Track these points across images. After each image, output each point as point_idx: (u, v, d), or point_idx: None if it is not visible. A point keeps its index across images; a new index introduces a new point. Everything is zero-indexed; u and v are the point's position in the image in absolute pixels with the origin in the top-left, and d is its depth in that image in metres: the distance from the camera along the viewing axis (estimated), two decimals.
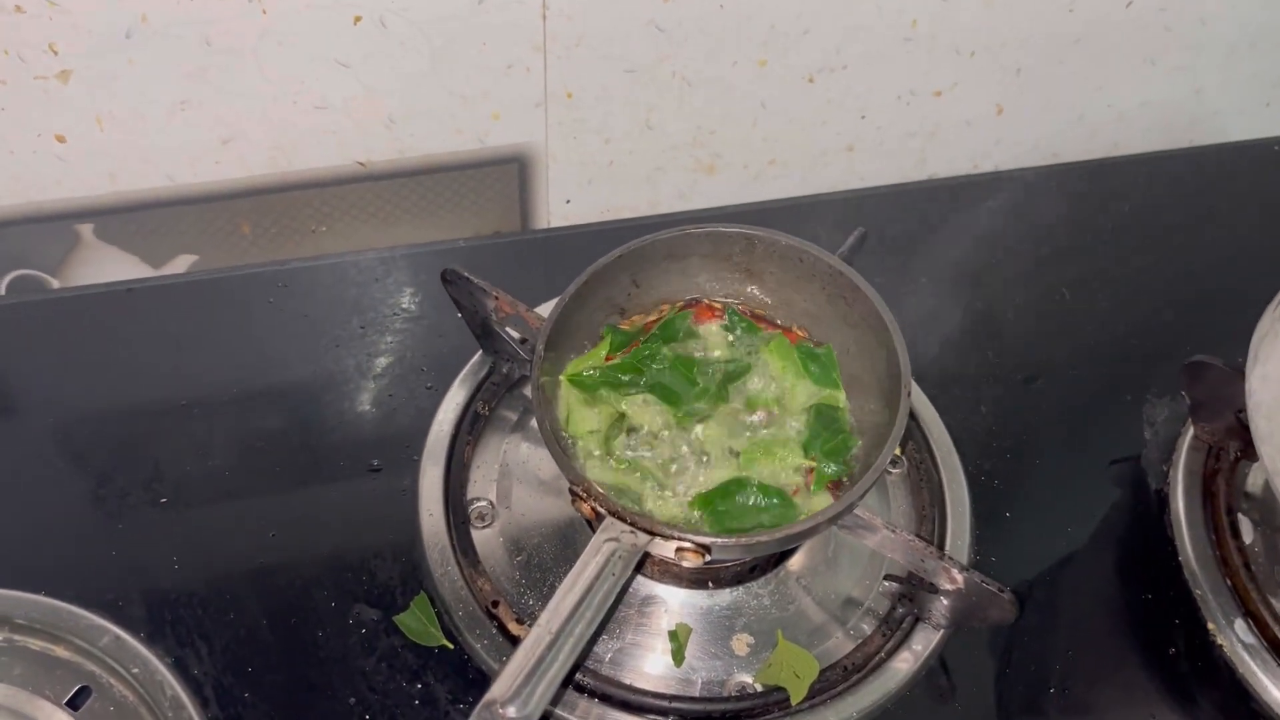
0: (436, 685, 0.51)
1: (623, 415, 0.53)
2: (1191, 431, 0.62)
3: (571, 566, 0.55)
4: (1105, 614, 0.58)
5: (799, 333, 0.57)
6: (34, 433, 0.59)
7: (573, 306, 0.54)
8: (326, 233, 0.72)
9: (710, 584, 0.55)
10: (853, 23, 0.70)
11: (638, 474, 0.52)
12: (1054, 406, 0.65)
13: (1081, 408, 0.65)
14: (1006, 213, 0.76)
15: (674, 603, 0.55)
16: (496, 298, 0.58)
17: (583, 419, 0.53)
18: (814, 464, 0.52)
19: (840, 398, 0.55)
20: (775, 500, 0.51)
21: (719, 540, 0.47)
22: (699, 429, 0.53)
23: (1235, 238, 0.76)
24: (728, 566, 0.55)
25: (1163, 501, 0.61)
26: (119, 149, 0.63)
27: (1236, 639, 0.55)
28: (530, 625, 0.53)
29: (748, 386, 0.55)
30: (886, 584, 0.55)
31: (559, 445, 0.50)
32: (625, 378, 0.53)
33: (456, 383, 0.62)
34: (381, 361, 0.63)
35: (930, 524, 0.59)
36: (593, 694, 0.51)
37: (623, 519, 0.47)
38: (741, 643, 0.54)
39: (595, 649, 0.53)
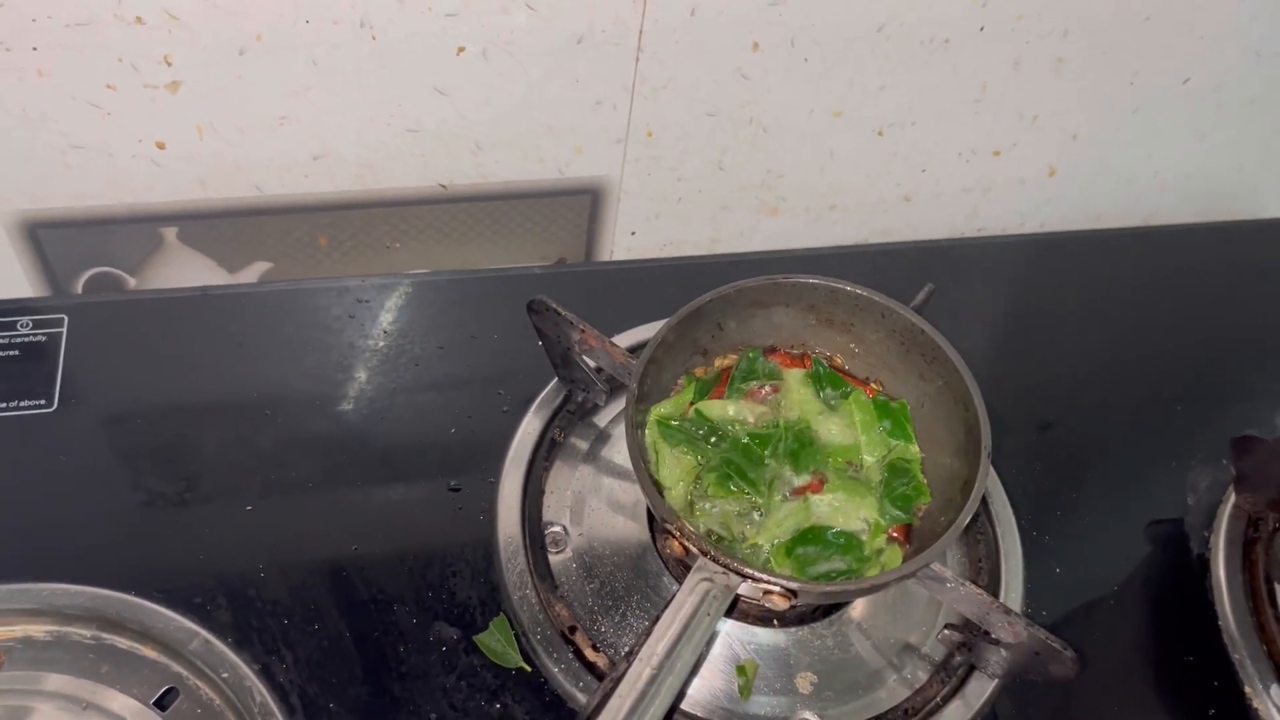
0: (515, 706, 0.53)
1: (704, 474, 0.55)
2: (1233, 499, 0.65)
3: (644, 596, 0.57)
4: (1146, 673, 0.60)
5: (874, 386, 0.60)
6: (118, 432, 0.60)
7: (663, 347, 0.56)
8: (400, 249, 0.74)
9: (775, 622, 0.57)
10: (927, 83, 0.72)
11: (720, 518, 0.54)
12: (1101, 467, 0.68)
13: (1127, 470, 0.68)
14: (1056, 273, 0.79)
15: (741, 638, 0.57)
16: (583, 330, 0.60)
17: (669, 464, 0.55)
18: (885, 516, 0.55)
19: (913, 450, 0.57)
20: (849, 549, 0.53)
21: (806, 585, 0.49)
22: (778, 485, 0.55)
23: (1273, 312, 0.79)
24: (796, 607, 0.57)
25: (1204, 566, 0.63)
26: (214, 158, 0.65)
27: (1272, 704, 0.58)
28: (604, 652, 0.55)
29: (826, 439, 0.57)
30: (946, 632, 0.57)
31: (654, 485, 0.52)
32: (703, 434, 0.55)
33: (533, 408, 0.63)
34: (459, 382, 0.65)
35: (986, 576, 0.61)
36: None
37: (716, 560, 0.48)
38: (805, 681, 0.56)
39: None
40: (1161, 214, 0.89)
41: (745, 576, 0.48)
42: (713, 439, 0.56)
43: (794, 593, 0.49)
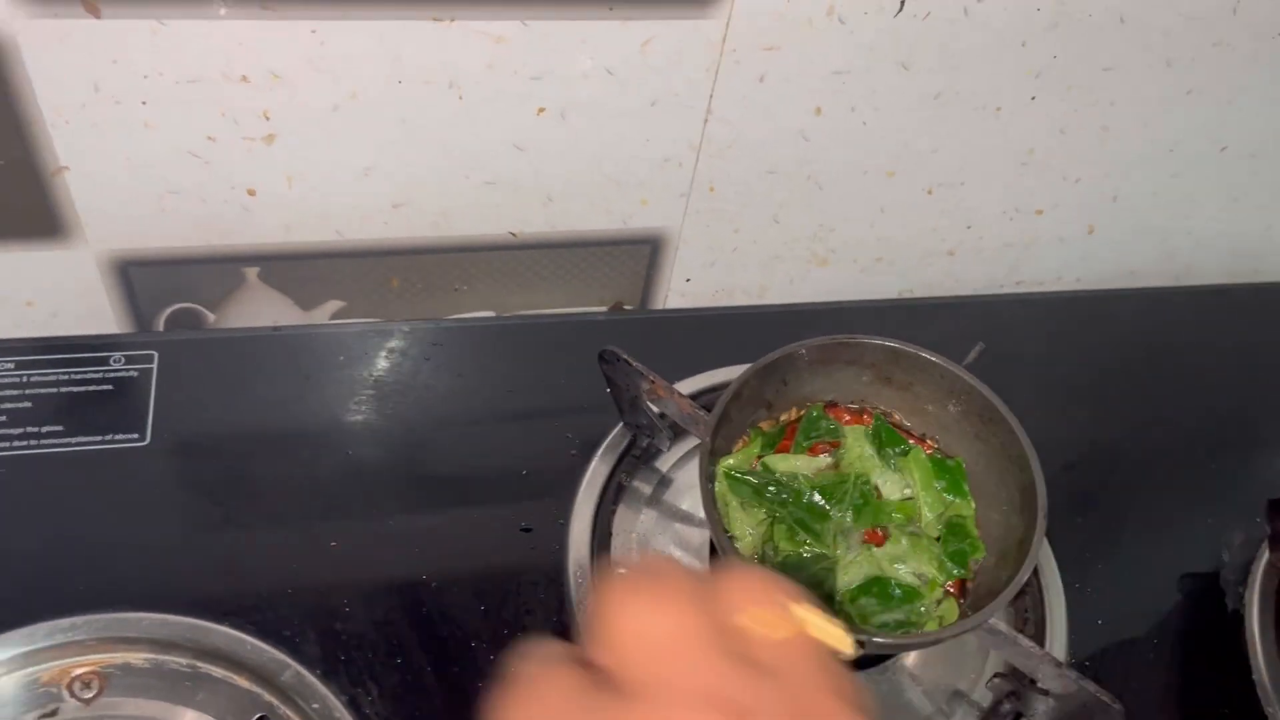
0: None
1: (772, 525, 0.58)
2: (1267, 557, 0.68)
3: None
4: None
5: (930, 444, 0.63)
6: (207, 466, 0.63)
7: (734, 402, 0.59)
8: (467, 292, 0.77)
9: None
10: (978, 146, 0.75)
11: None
12: (1138, 521, 0.71)
13: (1164, 524, 0.71)
14: (1092, 329, 0.82)
15: None
16: (652, 381, 0.63)
17: (738, 516, 0.58)
18: (943, 571, 0.57)
19: (969, 507, 0.60)
20: (909, 601, 0.56)
21: (875, 637, 0.52)
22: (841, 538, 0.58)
23: None
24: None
25: (1239, 621, 0.66)
26: (300, 205, 0.68)
27: None
28: None
29: (886, 494, 0.60)
30: (996, 681, 0.60)
31: (727, 536, 0.55)
32: (773, 492, 0.58)
33: (600, 452, 0.66)
34: (529, 424, 0.68)
35: (1032, 626, 0.64)
36: None
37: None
38: None
39: None
40: (1193, 272, 0.93)
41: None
42: (780, 492, 0.58)
43: (862, 644, 0.51)
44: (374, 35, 0.60)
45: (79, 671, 0.55)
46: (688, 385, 0.70)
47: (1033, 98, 0.73)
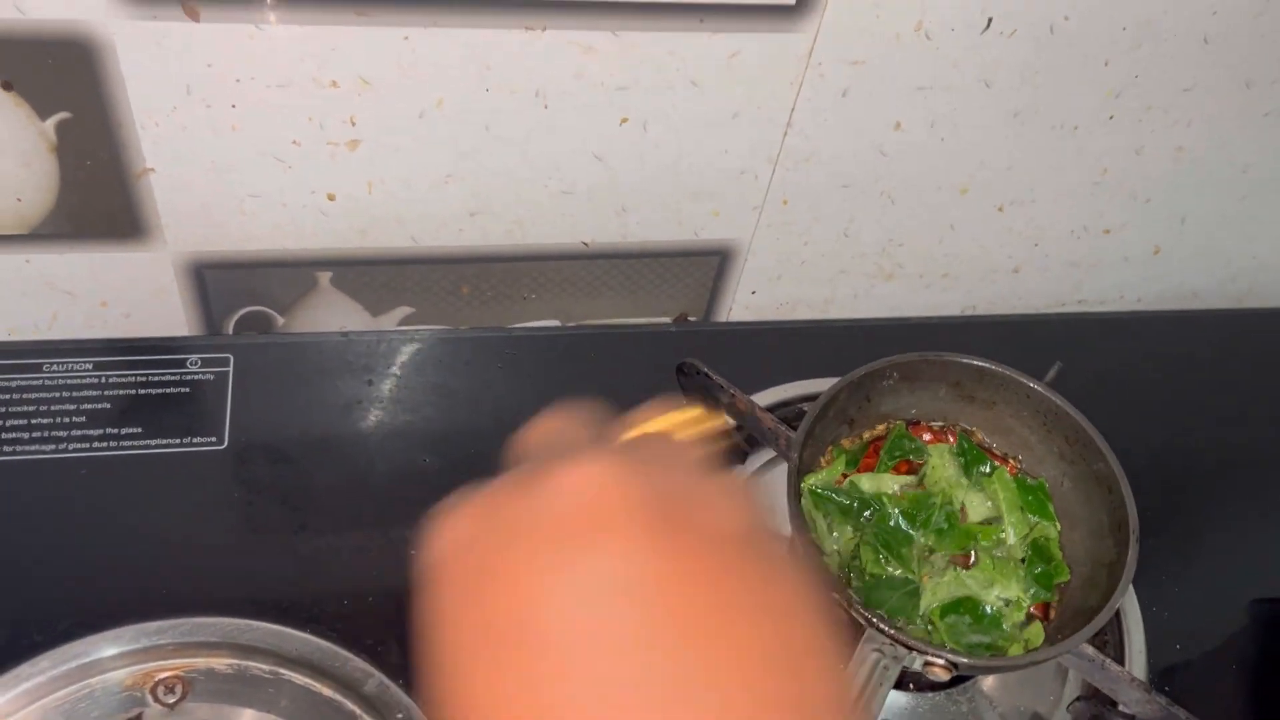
0: None
1: (859, 544, 0.58)
2: None
3: None
4: None
5: (1014, 464, 0.62)
6: (285, 471, 0.63)
7: (819, 419, 0.59)
8: (535, 300, 0.77)
9: (911, 686, 0.60)
10: (1052, 164, 0.75)
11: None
12: (1212, 544, 0.70)
13: (1237, 548, 0.70)
14: (1157, 350, 0.81)
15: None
16: (733, 394, 0.63)
17: (824, 535, 0.58)
18: (1028, 593, 0.57)
19: (1054, 529, 0.60)
20: (996, 623, 0.56)
21: (966, 660, 0.51)
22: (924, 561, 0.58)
23: None
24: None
25: None
26: (378, 211, 0.68)
27: None
28: None
29: (971, 515, 0.59)
30: (1078, 704, 0.60)
31: (820, 555, 0.55)
32: (858, 511, 0.58)
33: None
34: None
35: (1111, 648, 0.63)
36: None
37: (884, 632, 0.51)
38: None
39: None
40: (1254, 294, 0.92)
41: (912, 649, 0.51)
42: (865, 511, 0.58)
43: (955, 666, 0.51)
44: (465, 43, 0.59)
45: (163, 676, 0.55)
46: (760, 400, 0.70)
47: (1111, 117, 0.72)
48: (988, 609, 0.56)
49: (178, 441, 0.63)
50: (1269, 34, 0.70)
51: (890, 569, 0.57)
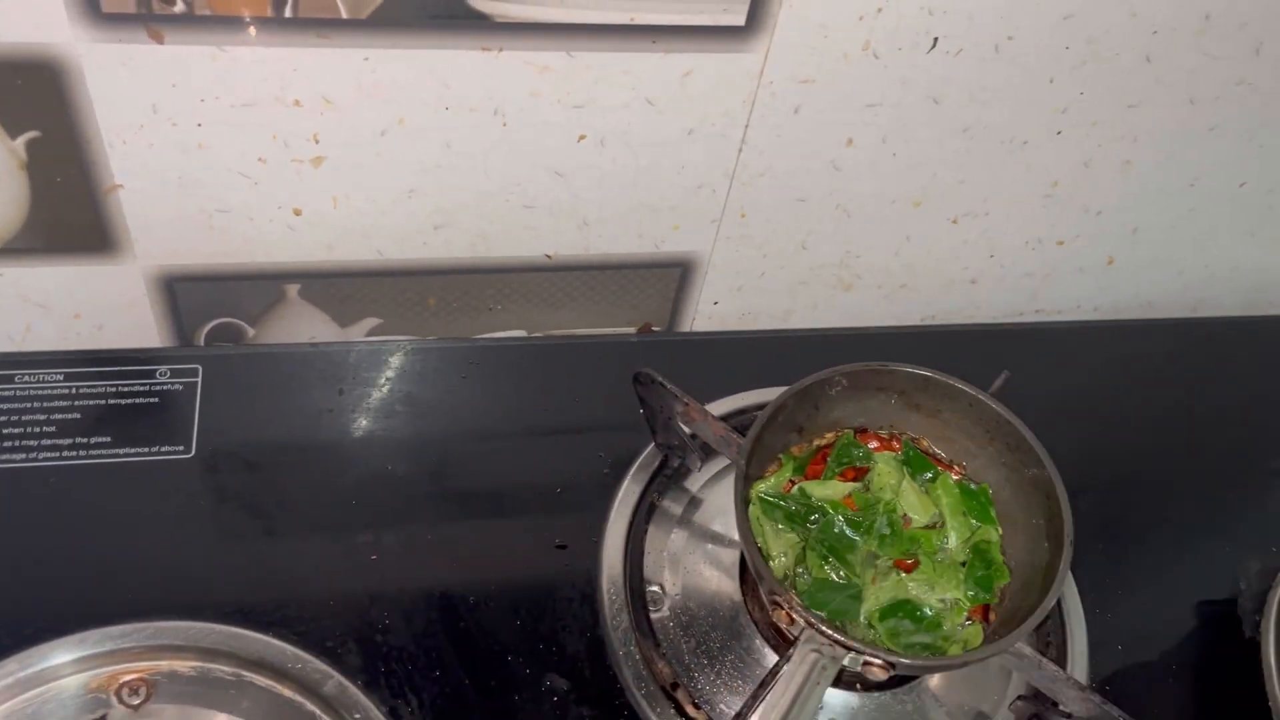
0: None
1: (805, 549, 0.59)
2: None
3: (738, 657, 0.62)
4: None
5: (958, 470, 0.64)
6: (250, 479, 0.65)
7: (767, 426, 0.60)
8: (501, 311, 0.78)
9: (858, 686, 0.62)
10: (1003, 178, 0.77)
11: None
12: (1157, 549, 0.72)
13: (1182, 552, 0.72)
14: (1110, 359, 0.83)
15: (825, 701, 0.60)
16: (686, 404, 0.64)
17: (771, 538, 0.59)
18: (968, 596, 0.59)
19: (994, 534, 0.62)
20: (935, 625, 0.58)
21: (905, 660, 0.53)
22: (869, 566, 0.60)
23: None
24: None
25: (1254, 648, 0.67)
26: (344, 225, 0.69)
27: None
28: (703, 709, 0.59)
29: (914, 520, 0.61)
30: (1019, 704, 0.61)
31: (761, 557, 0.57)
32: (805, 517, 0.60)
33: (632, 472, 0.68)
34: (563, 443, 0.69)
35: (1054, 650, 0.65)
36: None
37: (823, 633, 0.53)
38: None
39: None
40: (1207, 304, 0.94)
41: (850, 649, 0.52)
42: (812, 517, 0.60)
43: (893, 665, 0.53)
44: (423, 64, 0.61)
45: (127, 678, 0.56)
46: (717, 407, 0.72)
47: (1058, 132, 0.75)
48: (928, 611, 0.58)
49: (146, 450, 0.64)
50: (1210, 52, 0.72)
51: (834, 573, 0.59)
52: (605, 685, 0.59)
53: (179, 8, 0.56)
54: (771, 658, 0.61)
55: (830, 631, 0.52)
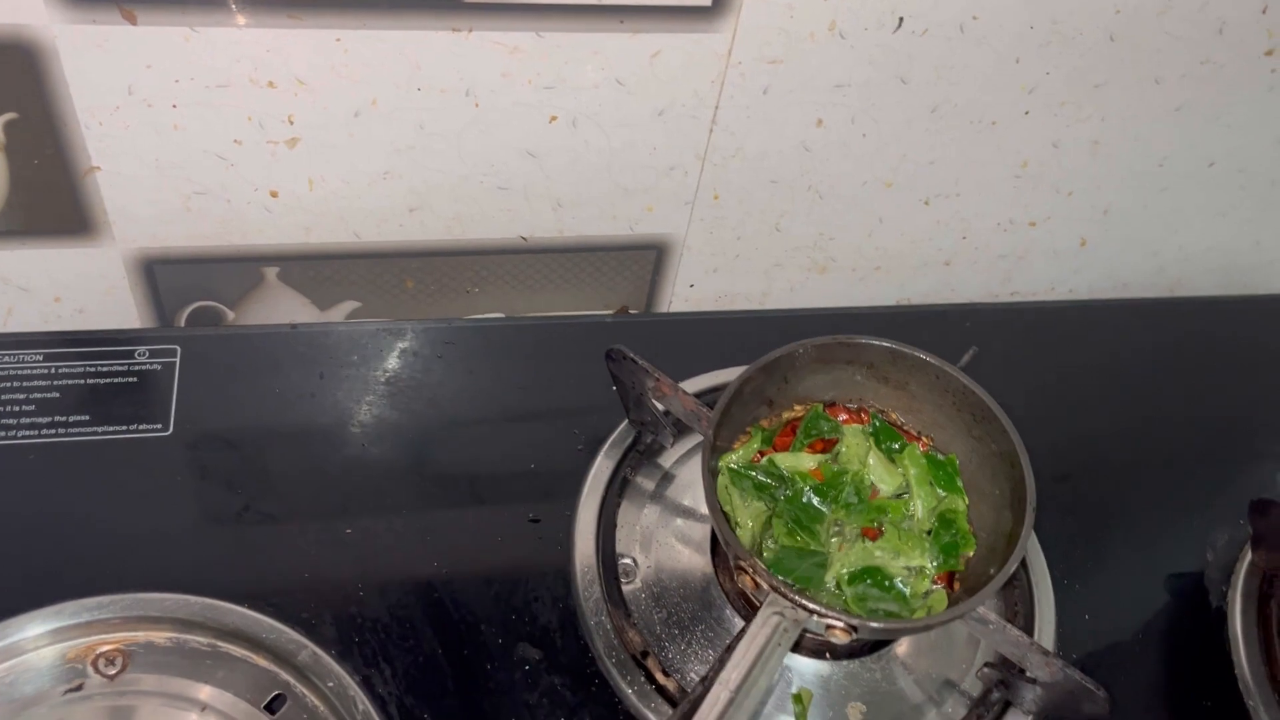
0: None
1: (770, 518, 0.60)
2: (1249, 557, 0.70)
3: (709, 626, 0.62)
4: (1165, 717, 0.65)
5: (926, 440, 0.65)
6: (227, 456, 0.66)
7: (736, 400, 0.61)
8: (479, 293, 0.79)
9: (829, 655, 0.62)
10: (973, 158, 0.78)
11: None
12: (1127, 521, 0.73)
13: (1151, 525, 0.73)
14: (1084, 338, 0.84)
15: (797, 669, 0.61)
16: (657, 379, 0.65)
17: (739, 508, 0.60)
18: (933, 563, 0.60)
19: (961, 503, 0.62)
20: (899, 592, 0.58)
21: (864, 622, 0.54)
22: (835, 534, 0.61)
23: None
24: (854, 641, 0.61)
25: (1221, 618, 0.68)
26: (320, 207, 0.70)
27: None
28: (674, 677, 0.60)
29: (882, 490, 0.62)
30: (986, 670, 0.62)
31: (728, 524, 0.58)
32: (772, 487, 0.61)
33: (605, 448, 0.69)
34: (538, 421, 0.70)
35: (1021, 619, 0.66)
36: None
37: (785, 596, 0.54)
38: (856, 711, 0.61)
39: None
40: (1183, 284, 0.95)
41: (811, 612, 0.53)
42: (780, 489, 0.61)
43: (854, 628, 0.54)
44: (395, 45, 0.62)
45: (104, 649, 0.57)
46: (691, 385, 0.73)
47: (1026, 112, 0.76)
48: (896, 579, 0.58)
49: (124, 429, 0.65)
50: (1173, 32, 0.73)
51: (801, 541, 0.60)
52: (576, 654, 0.60)
53: None
54: (741, 625, 0.62)
55: (792, 595, 0.53)
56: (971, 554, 0.61)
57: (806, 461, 0.63)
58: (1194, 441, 0.79)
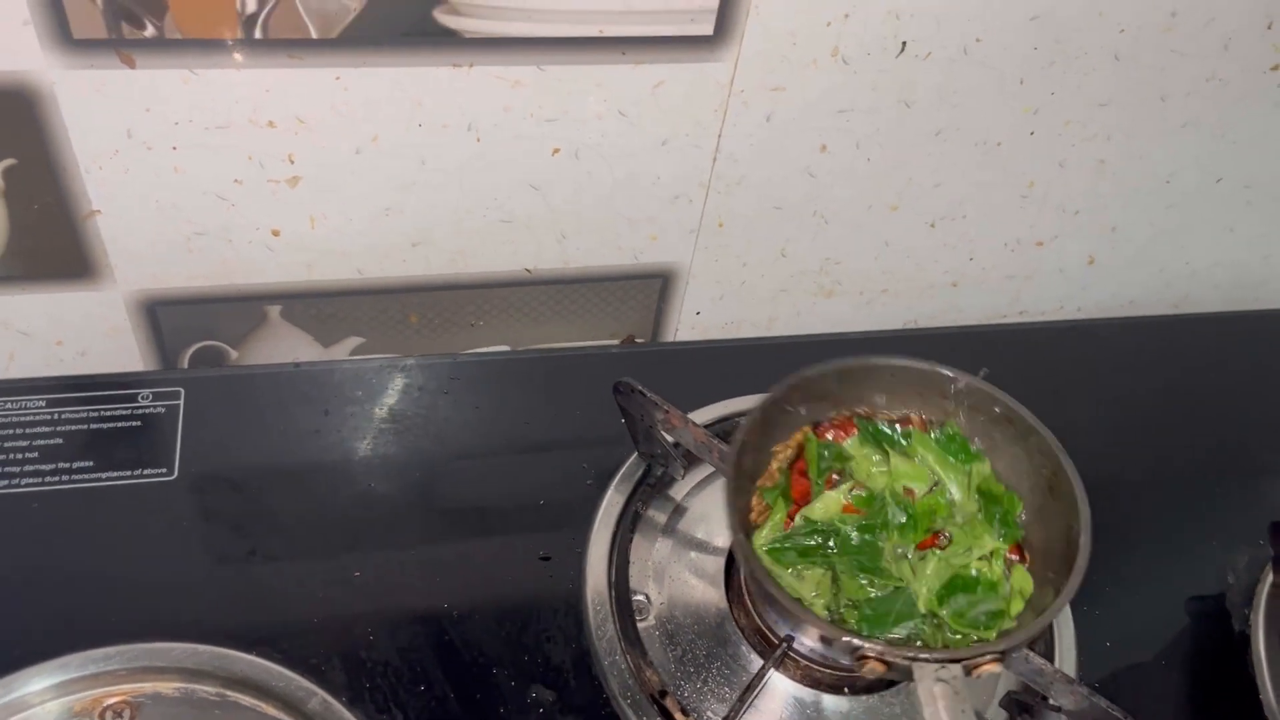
0: None
1: (834, 576, 0.57)
2: (1271, 579, 0.69)
3: (724, 664, 0.61)
4: None
5: (915, 419, 0.63)
6: (232, 500, 0.65)
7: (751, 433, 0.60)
8: (483, 327, 0.79)
9: (846, 690, 0.61)
10: (979, 180, 0.77)
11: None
12: (1145, 544, 0.72)
13: (1169, 547, 0.72)
14: (1094, 357, 0.84)
15: (815, 706, 0.60)
16: (666, 411, 0.64)
17: (795, 586, 0.57)
18: (1000, 538, 0.58)
19: (985, 465, 0.61)
20: (990, 586, 0.57)
21: (1012, 642, 0.52)
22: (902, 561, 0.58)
23: None
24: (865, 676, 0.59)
25: (1245, 642, 0.67)
26: (322, 245, 0.70)
27: None
28: (691, 716, 0.59)
29: (917, 491, 0.60)
30: (1010, 698, 0.61)
31: (805, 608, 0.55)
32: (815, 542, 0.57)
33: (615, 482, 0.68)
34: (545, 455, 0.70)
35: (1042, 645, 0.65)
36: None
37: (930, 661, 0.51)
38: None
39: None
40: (1190, 300, 0.94)
41: (961, 660, 0.51)
42: (827, 542, 0.58)
43: (1002, 655, 0.52)
44: (394, 81, 0.62)
45: (111, 701, 0.56)
46: (700, 415, 0.72)
47: (1031, 133, 0.75)
48: (974, 573, 0.56)
49: (128, 474, 0.64)
50: (1178, 49, 0.72)
51: (875, 585, 0.57)
52: (591, 695, 0.59)
53: (149, 32, 0.57)
54: (757, 662, 0.61)
55: (937, 658, 0.51)
56: (1021, 510, 0.60)
57: (834, 502, 0.60)
58: (1209, 461, 0.78)
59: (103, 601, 0.60)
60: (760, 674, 0.57)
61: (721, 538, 0.67)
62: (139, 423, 0.67)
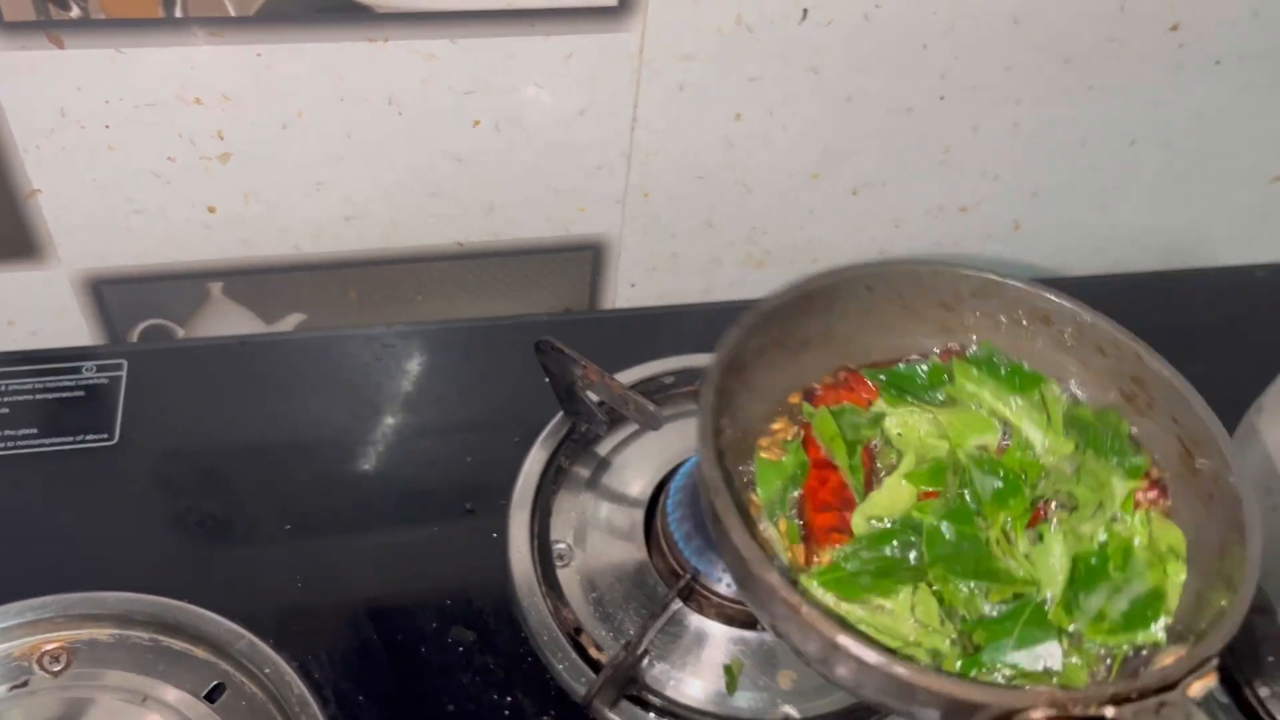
0: (524, 699, 0.59)
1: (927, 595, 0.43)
2: None
3: (640, 604, 0.64)
4: None
5: (942, 352, 0.55)
6: (171, 462, 0.68)
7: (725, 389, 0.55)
8: (423, 301, 0.82)
9: (760, 626, 0.64)
10: (895, 146, 0.80)
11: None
12: None
13: None
14: None
15: (729, 639, 0.63)
16: (584, 366, 0.67)
17: (889, 629, 0.43)
18: (1125, 476, 0.46)
19: (1055, 386, 0.49)
20: (1123, 552, 0.43)
21: (1209, 646, 0.40)
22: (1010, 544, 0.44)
23: (1220, 352, 0.85)
24: None
25: None
26: (258, 221, 0.73)
27: None
28: (605, 651, 0.61)
29: (989, 445, 0.47)
30: None
31: (896, 655, 0.40)
32: (898, 554, 0.43)
33: (540, 439, 0.70)
34: (476, 418, 0.72)
35: None
36: (659, 711, 0.59)
37: (1118, 701, 0.39)
38: (786, 678, 0.62)
39: (657, 674, 0.60)
40: (1124, 264, 0.97)
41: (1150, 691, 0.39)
42: (908, 549, 0.44)
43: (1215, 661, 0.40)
44: (314, 57, 0.65)
45: (48, 647, 0.59)
46: (629, 375, 0.75)
47: (941, 97, 0.78)
48: (1103, 537, 0.42)
49: (70, 439, 0.67)
50: (1077, 11, 0.75)
51: (992, 596, 0.43)
52: (510, 635, 0.62)
53: (74, 13, 0.60)
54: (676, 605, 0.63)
55: (1123, 691, 0.39)
56: (1128, 425, 0.47)
57: (904, 490, 0.45)
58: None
59: (44, 557, 0.62)
60: (665, 604, 0.59)
61: (639, 488, 0.69)
62: (83, 392, 0.70)
